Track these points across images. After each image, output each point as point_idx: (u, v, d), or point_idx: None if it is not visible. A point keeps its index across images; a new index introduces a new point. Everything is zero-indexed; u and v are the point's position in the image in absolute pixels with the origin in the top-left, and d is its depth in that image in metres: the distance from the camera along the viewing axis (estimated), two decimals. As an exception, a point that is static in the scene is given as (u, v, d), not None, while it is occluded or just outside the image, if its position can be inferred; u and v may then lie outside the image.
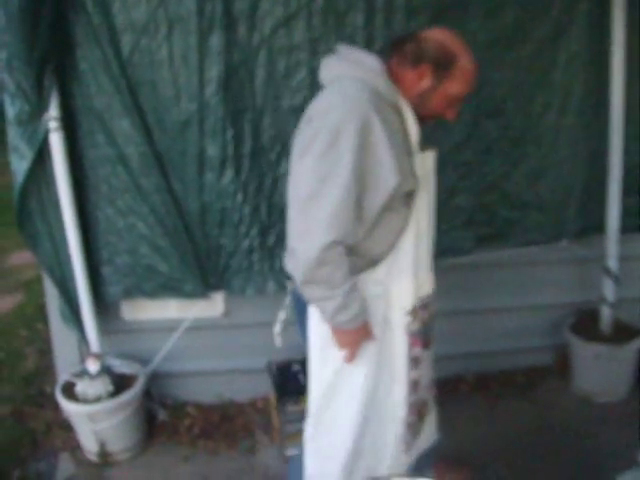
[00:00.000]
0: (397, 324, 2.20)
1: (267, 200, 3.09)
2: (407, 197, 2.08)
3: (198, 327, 3.36)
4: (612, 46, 3.18)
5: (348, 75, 2.03)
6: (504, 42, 3.14)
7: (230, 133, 2.98)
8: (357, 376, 2.20)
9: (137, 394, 3.20)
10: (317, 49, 2.96)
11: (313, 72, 2.95)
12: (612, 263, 3.43)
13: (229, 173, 3.02)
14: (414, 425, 2.39)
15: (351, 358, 2.15)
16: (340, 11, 2.94)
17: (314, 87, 2.96)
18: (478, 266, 3.46)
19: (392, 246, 2.12)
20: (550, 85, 3.24)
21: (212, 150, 2.99)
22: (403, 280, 2.16)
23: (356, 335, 2.10)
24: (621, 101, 3.25)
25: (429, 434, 2.55)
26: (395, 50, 2.10)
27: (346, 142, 1.88)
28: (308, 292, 2.02)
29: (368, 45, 2.98)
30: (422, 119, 2.11)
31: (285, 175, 3.05)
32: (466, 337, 3.61)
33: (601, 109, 3.30)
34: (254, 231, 3.10)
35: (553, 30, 3.17)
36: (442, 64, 2.03)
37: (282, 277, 3.14)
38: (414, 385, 2.30)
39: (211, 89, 2.92)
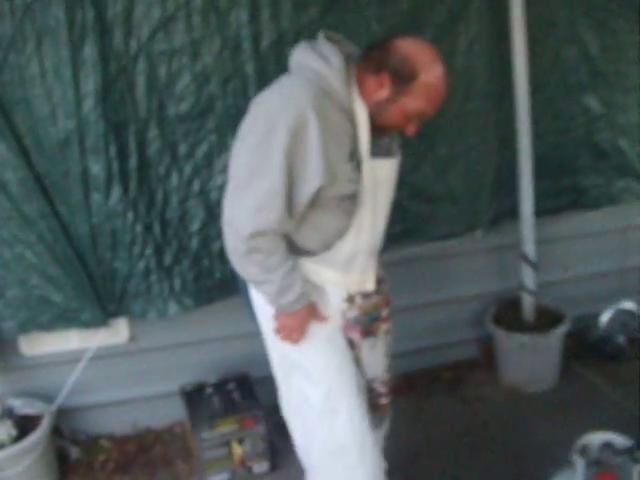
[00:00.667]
0: (334, 308, 2.24)
1: (160, 217, 2.92)
2: (344, 200, 2.06)
3: (104, 356, 3.19)
4: (511, 26, 3.11)
5: (306, 67, 2.01)
6: (401, 30, 2.99)
7: (114, 149, 2.79)
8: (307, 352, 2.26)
9: (44, 435, 2.99)
10: (200, 51, 2.79)
11: (197, 77, 2.81)
12: (529, 249, 3.38)
13: (116, 191, 2.83)
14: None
15: (291, 338, 2.18)
16: (222, 9, 2.77)
17: (200, 92, 2.84)
18: (395, 264, 3.33)
19: (327, 246, 2.13)
20: (452, 71, 3.10)
21: (96, 168, 2.80)
22: (338, 276, 2.20)
23: (301, 316, 2.14)
24: (525, 83, 3.20)
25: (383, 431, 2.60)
26: (365, 53, 2.07)
27: (277, 139, 1.89)
28: (246, 276, 2.11)
29: (255, 43, 2.82)
30: (381, 128, 2.07)
31: (176, 188, 2.91)
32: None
33: (506, 92, 3.23)
34: (149, 251, 2.93)
35: (450, 15, 3.07)
36: (402, 77, 1.97)
37: (184, 298, 2.99)
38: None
39: (89, 103, 2.73)
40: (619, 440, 2.45)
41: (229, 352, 3.34)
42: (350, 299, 2.26)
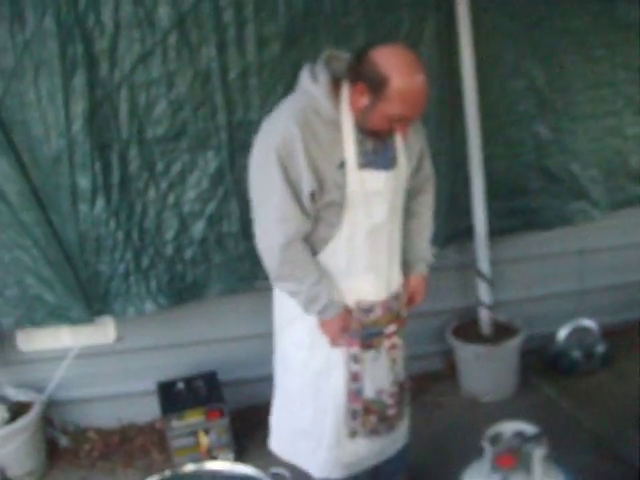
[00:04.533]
0: None
1: (138, 225, 3.41)
2: (329, 208, 2.37)
3: (93, 354, 3.68)
4: (461, 62, 3.54)
5: (300, 87, 2.37)
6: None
7: (99, 165, 3.30)
8: (300, 357, 2.61)
9: (33, 420, 3.47)
10: (174, 82, 3.29)
11: (172, 104, 3.31)
12: (484, 266, 3.74)
13: (100, 202, 3.34)
14: (364, 418, 2.65)
15: (333, 344, 2.52)
16: (193, 45, 3.27)
17: (174, 117, 3.33)
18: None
19: (315, 253, 2.44)
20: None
21: (83, 182, 3.31)
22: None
23: (333, 324, 2.46)
24: (475, 112, 3.60)
25: (395, 439, 2.83)
26: (348, 66, 2.32)
27: (270, 158, 2.25)
28: (281, 287, 2.49)
29: (223, 74, 3.31)
30: (372, 134, 2.31)
31: (153, 201, 3.39)
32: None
33: (457, 120, 3.63)
34: (128, 255, 3.42)
35: (403, 48, 3.50)
36: (375, 84, 2.18)
37: (159, 297, 3.47)
38: (354, 375, 2.58)
39: (77, 125, 3.25)
40: (529, 428, 2.65)
41: (205, 354, 3.79)
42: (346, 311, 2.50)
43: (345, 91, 2.31)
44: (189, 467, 2.24)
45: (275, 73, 3.35)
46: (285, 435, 2.83)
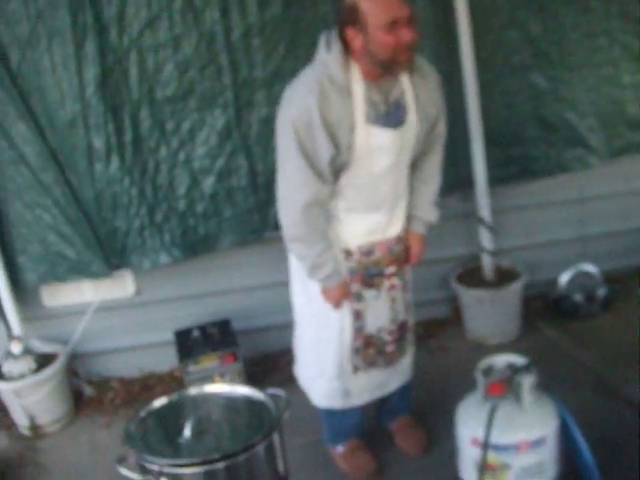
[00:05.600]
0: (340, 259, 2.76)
1: (151, 182, 3.64)
2: (339, 164, 2.56)
3: (113, 307, 3.94)
4: (456, 13, 3.69)
5: (316, 57, 2.56)
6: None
7: (112, 126, 3.53)
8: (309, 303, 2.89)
9: (58, 370, 3.74)
10: (181, 45, 3.51)
11: (179, 65, 3.52)
12: (485, 213, 3.93)
13: (115, 161, 3.58)
14: (364, 352, 2.90)
15: (335, 307, 2.77)
16: (198, 9, 3.48)
17: (182, 78, 3.54)
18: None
19: None
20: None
21: (98, 143, 3.55)
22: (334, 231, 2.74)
23: (335, 292, 2.72)
24: (472, 63, 3.74)
25: (395, 374, 3.07)
26: (336, 27, 2.51)
27: (287, 127, 2.48)
28: (292, 249, 2.73)
29: (227, 36, 3.52)
30: (394, 63, 2.43)
31: (165, 158, 3.62)
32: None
33: (455, 72, 3.78)
34: (143, 211, 3.66)
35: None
36: (353, 19, 2.38)
37: (173, 250, 3.70)
38: (357, 313, 2.84)
39: (90, 89, 3.48)
40: (520, 360, 2.77)
41: (219, 304, 4.02)
42: (348, 253, 2.76)
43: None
44: (192, 390, 2.47)
45: (276, 33, 3.55)
46: (299, 361, 3.13)
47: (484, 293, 3.90)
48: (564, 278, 4.09)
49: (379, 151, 2.58)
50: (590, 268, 4.09)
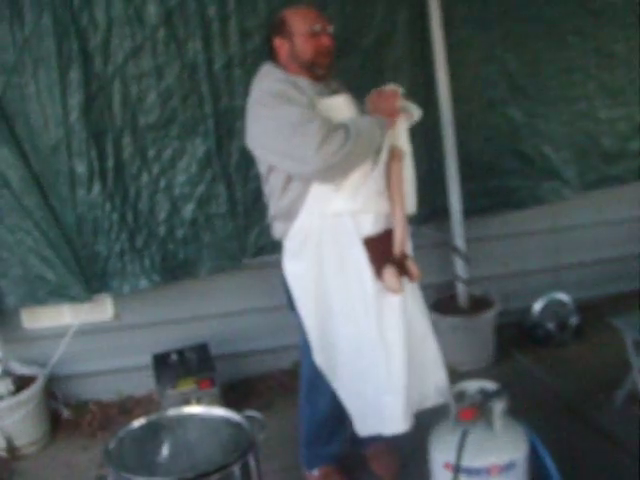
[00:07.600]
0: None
1: (132, 208, 3.77)
2: None
3: (93, 331, 4.06)
4: (433, 48, 3.87)
5: (265, 75, 2.85)
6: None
7: (94, 152, 3.66)
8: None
9: (36, 392, 3.84)
10: (163, 74, 3.66)
11: (161, 94, 3.67)
12: (459, 242, 4.08)
13: (97, 187, 3.71)
14: None
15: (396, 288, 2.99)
16: (181, 40, 3.63)
17: (164, 107, 3.68)
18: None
19: None
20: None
21: (80, 168, 3.68)
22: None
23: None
24: (448, 96, 3.93)
25: None
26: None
27: (264, 99, 2.70)
28: (348, 167, 2.68)
29: (209, 66, 3.68)
30: (316, 65, 2.78)
31: (146, 185, 3.75)
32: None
33: (431, 105, 3.93)
34: (123, 236, 3.78)
35: (378, 40, 3.86)
36: (279, 29, 2.80)
37: (153, 275, 3.83)
38: None
39: (74, 115, 3.61)
40: (491, 385, 2.89)
41: (197, 329, 4.15)
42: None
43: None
44: (170, 412, 2.60)
45: (257, 64, 3.62)
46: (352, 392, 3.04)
47: (458, 320, 4.05)
48: (537, 306, 4.25)
49: (343, 113, 2.76)
50: (563, 297, 4.25)
